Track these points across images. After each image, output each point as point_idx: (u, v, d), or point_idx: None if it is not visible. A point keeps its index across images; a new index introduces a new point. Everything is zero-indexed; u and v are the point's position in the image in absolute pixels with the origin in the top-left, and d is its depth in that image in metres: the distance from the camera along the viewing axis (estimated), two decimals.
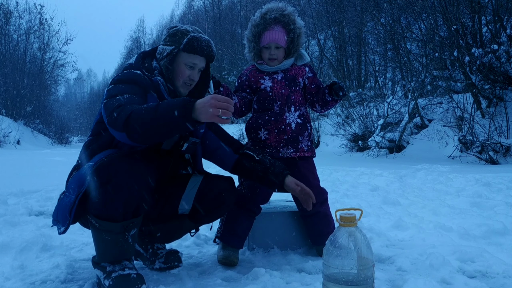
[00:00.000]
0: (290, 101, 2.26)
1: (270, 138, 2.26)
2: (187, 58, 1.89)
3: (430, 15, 10.76)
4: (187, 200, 1.97)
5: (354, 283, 1.43)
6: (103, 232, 1.71)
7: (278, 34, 2.22)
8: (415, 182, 5.30)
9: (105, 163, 1.65)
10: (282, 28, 2.24)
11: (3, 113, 21.64)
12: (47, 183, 4.98)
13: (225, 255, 2.12)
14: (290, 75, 2.29)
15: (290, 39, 2.25)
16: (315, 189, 2.28)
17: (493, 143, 8.40)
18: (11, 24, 24.75)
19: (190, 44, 1.87)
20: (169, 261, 2.04)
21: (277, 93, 2.26)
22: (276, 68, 2.28)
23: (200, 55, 1.90)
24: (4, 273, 1.93)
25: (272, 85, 2.27)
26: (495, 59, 8.82)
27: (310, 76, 2.35)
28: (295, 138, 2.26)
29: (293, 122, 2.26)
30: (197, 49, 1.88)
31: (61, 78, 29.48)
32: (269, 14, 2.24)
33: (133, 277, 1.69)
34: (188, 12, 34.05)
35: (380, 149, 11.18)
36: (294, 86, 2.28)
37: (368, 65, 15.57)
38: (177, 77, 1.91)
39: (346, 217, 1.48)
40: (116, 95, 1.71)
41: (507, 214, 3.12)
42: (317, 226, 2.26)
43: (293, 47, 2.27)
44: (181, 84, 1.92)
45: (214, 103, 1.52)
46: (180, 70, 1.90)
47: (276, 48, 2.23)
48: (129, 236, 1.74)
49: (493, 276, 1.89)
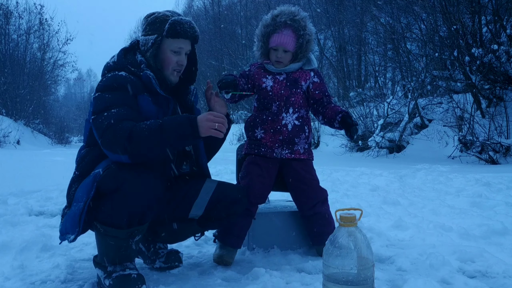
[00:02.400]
0: (289, 102, 2.25)
1: (266, 138, 2.25)
2: (172, 43, 1.85)
3: (430, 15, 10.76)
4: (199, 207, 1.97)
5: (354, 283, 1.42)
6: (108, 237, 1.70)
7: (287, 38, 2.20)
8: (415, 182, 5.30)
9: (113, 170, 1.64)
10: (292, 33, 2.21)
11: (3, 113, 21.63)
12: (47, 183, 4.98)
13: (219, 254, 2.12)
14: (293, 77, 2.28)
15: (299, 44, 2.22)
16: (314, 188, 2.29)
17: (493, 143, 8.40)
18: (11, 24, 24.72)
19: (173, 28, 1.82)
20: (169, 261, 2.04)
21: (276, 93, 2.25)
22: (281, 70, 2.28)
23: (185, 38, 1.85)
24: (4, 273, 1.93)
25: (273, 85, 2.26)
26: (495, 59, 8.82)
27: (315, 81, 2.31)
28: (291, 140, 2.25)
29: (289, 123, 2.24)
30: (181, 33, 1.83)
31: (61, 78, 29.48)
32: (280, 16, 2.21)
33: (133, 277, 1.69)
34: (188, 12, 34.02)
35: (380, 149, 11.18)
36: (295, 88, 2.27)
37: (368, 65, 15.58)
38: (165, 66, 1.87)
39: (346, 217, 1.48)
40: (104, 111, 1.68)
41: (507, 214, 3.12)
42: (317, 226, 2.26)
43: (301, 52, 2.25)
44: (171, 72, 1.88)
45: (212, 118, 1.69)
46: (167, 58, 1.86)
47: (283, 51, 2.22)
48: (133, 243, 1.74)
49: (493, 276, 1.89)
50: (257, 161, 2.26)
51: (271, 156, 2.25)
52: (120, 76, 1.78)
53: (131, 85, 1.77)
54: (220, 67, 23.80)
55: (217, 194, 1.98)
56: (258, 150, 2.27)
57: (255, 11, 24.67)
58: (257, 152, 2.27)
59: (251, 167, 2.27)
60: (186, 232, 2.06)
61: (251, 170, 2.25)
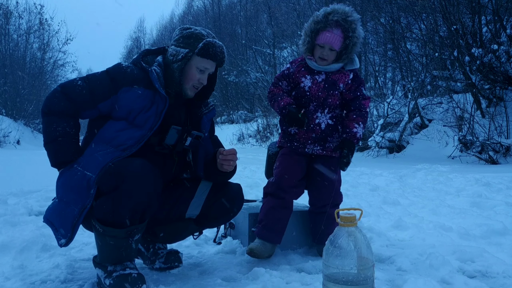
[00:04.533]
0: (326, 104, 2.28)
1: (299, 134, 2.30)
2: (200, 62, 1.89)
3: (430, 15, 10.75)
4: (196, 206, 1.99)
5: (354, 283, 1.42)
6: (107, 237, 1.70)
7: (336, 38, 2.20)
8: (415, 182, 5.30)
9: (112, 169, 1.65)
10: (341, 33, 2.21)
11: (3, 113, 21.62)
12: (47, 183, 4.96)
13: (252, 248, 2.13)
14: (331, 78, 2.28)
15: (345, 45, 2.23)
16: (334, 188, 2.29)
17: (493, 143, 8.41)
18: (11, 24, 24.71)
19: (206, 49, 1.87)
20: (169, 261, 2.04)
21: (314, 94, 2.27)
22: (322, 68, 2.28)
23: (214, 60, 1.91)
24: (4, 273, 1.93)
25: (311, 86, 2.28)
26: (495, 59, 8.82)
27: (349, 83, 2.30)
28: (324, 138, 2.29)
29: (323, 122, 2.28)
30: (212, 55, 1.88)
31: (61, 78, 29.41)
32: (333, 15, 2.20)
33: (134, 277, 1.69)
34: (188, 12, 33.99)
35: (380, 149, 11.18)
36: (333, 90, 2.28)
37: (368, 65, 15.55)
38: (186, 80, 1.91)
39: (346, 217, 1.48)
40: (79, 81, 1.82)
41: (507, 214, 3.12)
42: (321, 224, 2.27)
43: (346, 53, 2.25)
44: (190, 87, 1.93)
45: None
46: (191, 73, 1.90)
47: (330, 50, 2.22)
48: (133, 242, 1.74)
49: (493, 276, 1.89)
50: (290, 152, 2.32)
51: (302, 151, 2.29)
52: (119, 66, 1.86)
53: (121, 76, 1.82)
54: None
55: (213, 193, 1.99)
56: (291, 144, 2.33)
57: (255, 11, 24.67)
58: (290, 145, 2.34)
59: (283, 157, 2.33)
60: (184, 232, 2.07)
61: (283, 160, 2.32)
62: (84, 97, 1.79)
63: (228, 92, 24.60)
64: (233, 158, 1.92)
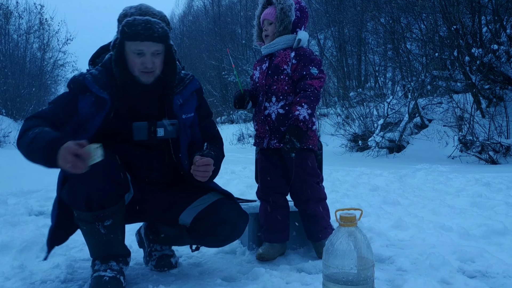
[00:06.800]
0: (270, 92, 2.23)
1: (259, 129, 2.30)
2: (131, 45, 1.69)
3: (430, 15, 10.76)
4: (189, 214, 1.86)
5: (354, 283, 1.42)
6: (80, 222, 1.72)
7: (269, 10, 2.28)
8: (415, 182, 5.30)
9: None
10: (273, 6, 2.28)
11: (3, 113, 21.61)
12: (47, 183, 4.96)
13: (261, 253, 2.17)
14: (274, 63, 2.25)
15: (276, 15, 2.24)
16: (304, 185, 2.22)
17: (493, 143, 8.41)
18: (11, 24, 24.70)
19: (125, 31, 1.67)
20: (159, 266, 2.03)
21: (260, 84, 2.28)
22: (268, 50, 2.28)
23: (140, 40, 1.67)
24: (4, 273, 1.93)
25: (259, 76, 2.31)
26: (495, 59, 8.82)
27: (294, 63, 2.20)
28: (277, 129, 2.21)
29: (273, 113, 2.22)
30: (134, 35, 1.66)
31: (61, 78, 29.41)
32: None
33: (105, 280, 1.66)
34: (188, 12, 33.96)
35: (380, 149, 11.17)
36: (277, 75, 2.22)
37: (368, 65, 15.56)
38: (131, 68, 1.74)
39: (346, 217, 1.48)
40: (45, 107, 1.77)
41: (507, 214, 3.12)
42: (305, 221, 2.27)
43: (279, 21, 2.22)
44: (139, 74, 1.74)
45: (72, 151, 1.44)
46: (130, 60, 1.72)
47: (268, 24, 2.27)
48: (102, 227, 1.67)
49: (493, 276, 1.89)
50: (262, 154, 2.32)
51: (261, 147, 2.29)
52: (73, 78, 1.78)
53: (74, 84, 1.75)
54: (220, 67, 23.79)
55: (209, 209, 1.84)
56: (255, 141, 2.35)
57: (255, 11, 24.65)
58: (254, 142, 2.36)
59: (259, 160, 2.34)
60: (181, 239, 1.99)
61: (259, 163, 2.34)
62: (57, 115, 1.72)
63: (228, 92, 24.59)
64: (205, 169, 1.71)
